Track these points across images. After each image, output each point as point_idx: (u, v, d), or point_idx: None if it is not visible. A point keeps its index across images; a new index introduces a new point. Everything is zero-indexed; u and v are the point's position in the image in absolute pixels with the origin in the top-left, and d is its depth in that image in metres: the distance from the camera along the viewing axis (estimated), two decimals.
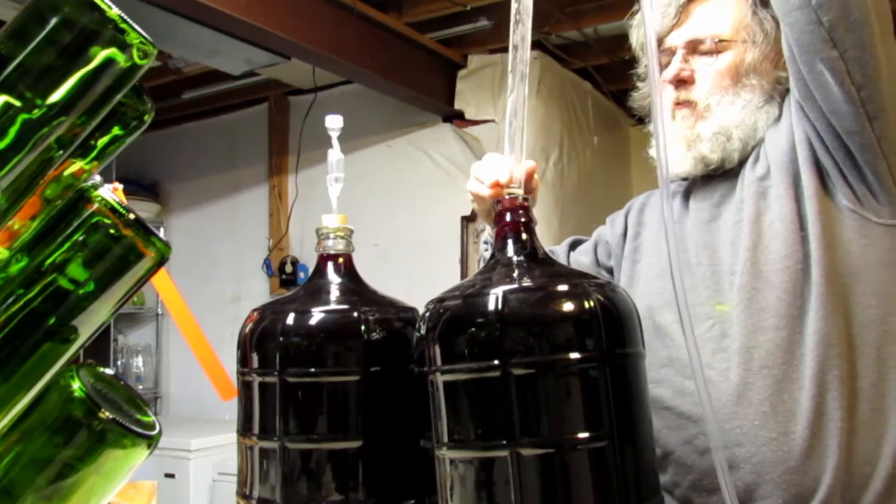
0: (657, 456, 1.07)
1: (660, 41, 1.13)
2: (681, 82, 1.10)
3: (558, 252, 1.32)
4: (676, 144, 1.10)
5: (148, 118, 0.57)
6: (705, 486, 0.98)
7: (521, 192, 0.82)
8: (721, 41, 1.08)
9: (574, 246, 1.33)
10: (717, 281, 1.03)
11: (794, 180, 1.01)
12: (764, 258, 0.99)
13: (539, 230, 0.81)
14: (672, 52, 1.11)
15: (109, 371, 0.63)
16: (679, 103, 1.10)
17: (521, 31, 0.81)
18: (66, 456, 0.56)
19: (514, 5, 0.81)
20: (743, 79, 1.08)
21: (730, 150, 1.07)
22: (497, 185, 0.84)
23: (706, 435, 0.97)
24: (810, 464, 0.93)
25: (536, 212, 0.84)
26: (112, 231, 0.55)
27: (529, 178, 0.86)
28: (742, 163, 1.08)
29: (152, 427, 0.60)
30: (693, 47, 1.10)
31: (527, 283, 0.73)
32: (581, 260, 1.28)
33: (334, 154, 0.88)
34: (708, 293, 1.03)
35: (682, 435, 1.00)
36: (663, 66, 1.13)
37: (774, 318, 0.97)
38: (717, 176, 1.10)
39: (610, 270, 1.25)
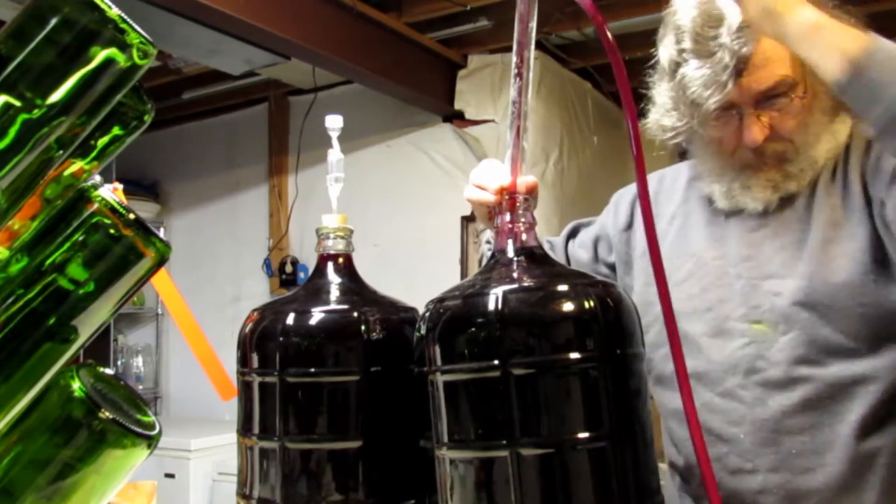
0: (684, 466, 1.05)
1: (722, 105, 1.00)
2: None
3: (556, 243, 1.28)
4: (763, 191, 1.02)
5: (148, 118, 0.57)
6: None
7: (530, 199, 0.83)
8: (790, 85, 0.98)
9: (574, 233, 1.28)
10: (756, 297, 1.00)
11: (871, 219, 0.96)
12: (823, 290, 0.95)
13: (539, 230, 0.81)
14: (736, 110, 1.00)
15: (109, 371, 0.63)
16: (765, 159, 1.02)
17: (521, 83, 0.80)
18: (66, 456, 0.56)
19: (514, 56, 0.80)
20: (817, 104, 1.01)
21: (817, 169, 1.01)
22: (503, 190, 0.83)
23: (737, 455, 0.97)
24: (846, 498, 0.92)
25: (536, 212, 0.84)
26: (112, 231, 0.55)
27: (529, 193, 0.86)
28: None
29: (152, 427, 0.60)
30: (760, 101, 1.00)
31: (527, 283, 0.73)
32: (579, 254, 1.24)
33: (334, 154, 0.88)
34: (744, 309, 1.00)
35: (711, 452, 0.98)
36: (729, 126, 1.02)
37: (824, 354, 0.95)
38: None
39: (611, 266, 1.21)
